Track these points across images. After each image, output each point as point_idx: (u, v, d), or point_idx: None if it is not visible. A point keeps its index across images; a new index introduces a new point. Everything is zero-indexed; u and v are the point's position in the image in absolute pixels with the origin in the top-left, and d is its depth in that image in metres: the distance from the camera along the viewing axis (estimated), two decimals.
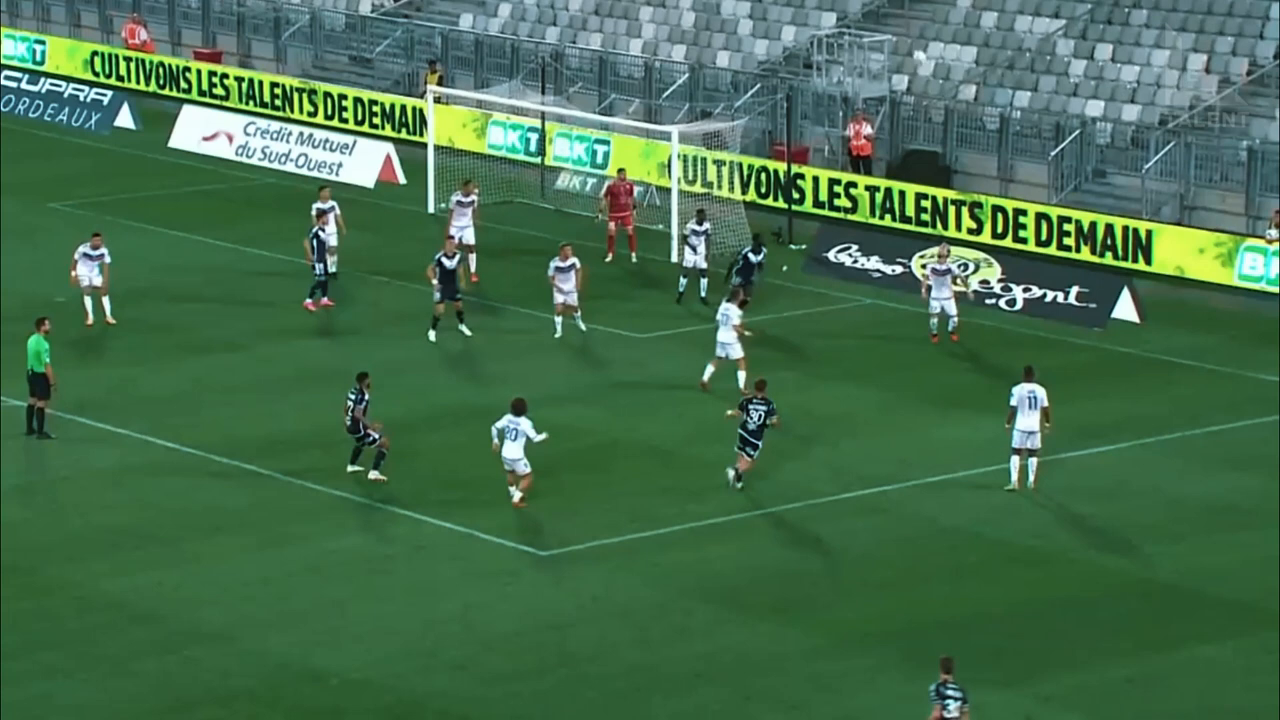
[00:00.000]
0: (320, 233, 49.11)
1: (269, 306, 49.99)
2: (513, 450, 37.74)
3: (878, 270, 52.92)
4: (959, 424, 42.37)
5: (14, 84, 69.77)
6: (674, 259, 52.40)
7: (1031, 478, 38.99)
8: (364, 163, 61.96)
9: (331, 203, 50.44)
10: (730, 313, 43.67)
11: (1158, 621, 34.36)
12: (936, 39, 61.81)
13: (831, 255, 53.58)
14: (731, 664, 32.64)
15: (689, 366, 45.19)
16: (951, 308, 47.57)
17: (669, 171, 55.57)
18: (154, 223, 56.74)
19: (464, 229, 51.24)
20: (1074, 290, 47.26)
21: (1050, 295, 50.23)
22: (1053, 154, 57.12)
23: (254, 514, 38.27)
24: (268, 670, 32.16)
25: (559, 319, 47.49)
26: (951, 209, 55.26)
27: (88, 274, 47.46)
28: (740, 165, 57.64)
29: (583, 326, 47.58)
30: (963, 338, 47.58)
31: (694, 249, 50.31)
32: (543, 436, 37.78)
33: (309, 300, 49.17)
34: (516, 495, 38.22)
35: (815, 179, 57.34)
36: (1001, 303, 50.98)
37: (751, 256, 49.37)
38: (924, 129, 59.59)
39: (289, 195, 58.83)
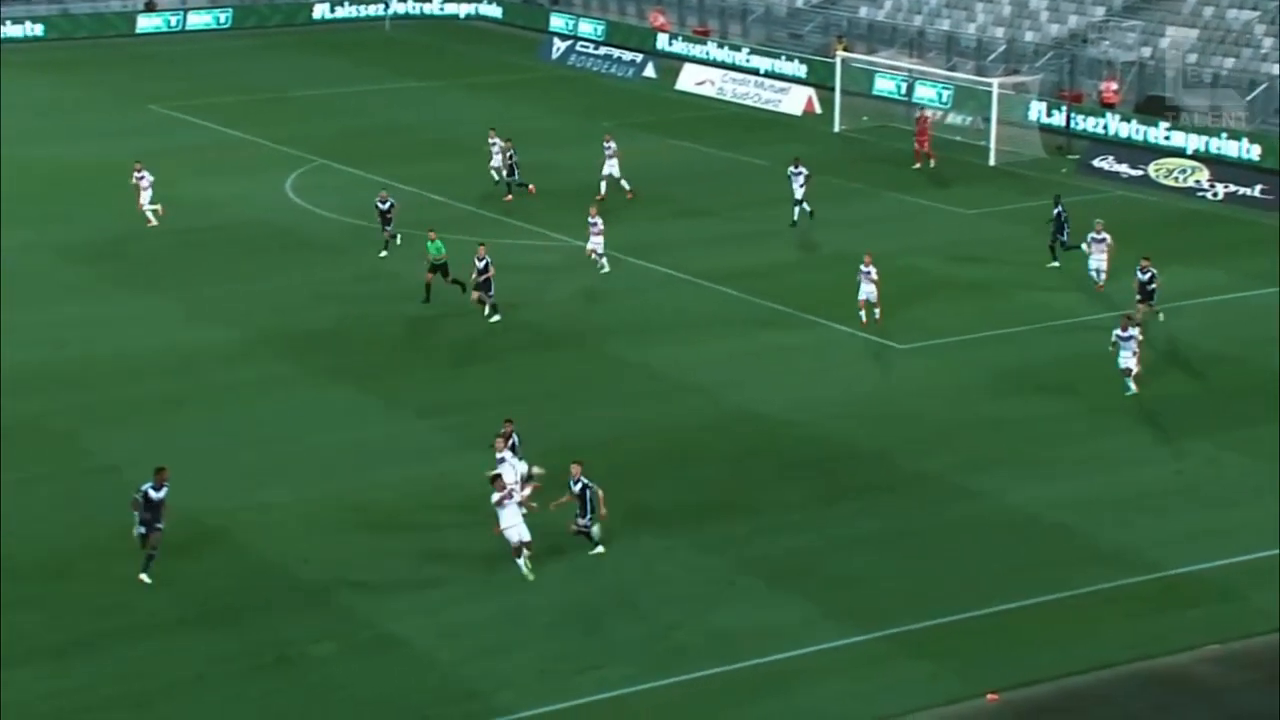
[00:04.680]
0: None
1: (750, 180, 48.21)
2: None
3: (1125, 172, 50.32)
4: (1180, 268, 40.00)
5: (586, 50, 70.09)
6: (991, 162, 50.19)
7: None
8: (794, 100, 60.72)
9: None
10: None
11: None
12: (1172, 24, 58.28)
13: (1095, 162, 51.08)
14: (994, 420, 31.58)
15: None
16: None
17: (991, 108, 53.44)
18: (667, 135, 56.08)
19: (612, 166, 46.50)
20: (1258, 187, 44.18)
21: (1242, 191, 47.26)
22: (1248, 99, 53.56)
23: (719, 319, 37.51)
24: (714, 412, 31.71)
25: (603, 259, 39.68)
26: (1176, 133, 52.21)
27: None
28: (1038, 104, 55.20)
29: (605, 267, 39.59)
30: (1192, 208, 43.53)
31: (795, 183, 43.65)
32: None
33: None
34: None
35: (1087, 114, 54.66)
36: (1208, 195, 48.13)
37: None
38: (1159, 81, 56.40)
39: (743, 118, 57.72)
